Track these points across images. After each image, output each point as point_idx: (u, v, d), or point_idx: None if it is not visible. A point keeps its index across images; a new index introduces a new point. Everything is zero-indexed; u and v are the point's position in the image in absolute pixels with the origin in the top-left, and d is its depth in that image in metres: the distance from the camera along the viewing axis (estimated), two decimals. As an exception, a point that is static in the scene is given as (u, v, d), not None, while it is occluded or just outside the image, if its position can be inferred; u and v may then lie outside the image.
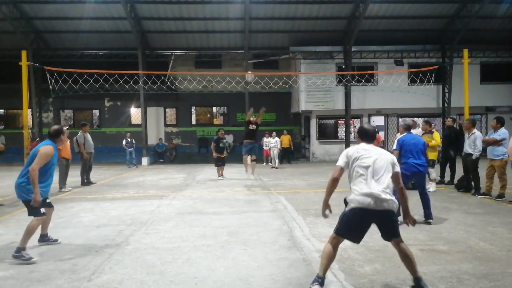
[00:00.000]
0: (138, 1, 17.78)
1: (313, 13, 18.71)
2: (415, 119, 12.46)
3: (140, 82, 18.62)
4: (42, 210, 4.92)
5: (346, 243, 5.16)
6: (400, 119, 18.54)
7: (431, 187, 9.54)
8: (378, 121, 21.20)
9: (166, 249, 5.08)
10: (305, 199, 8.84)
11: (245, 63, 20.07)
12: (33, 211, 4.86)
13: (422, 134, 10.18)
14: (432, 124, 10.55)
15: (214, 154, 12.74)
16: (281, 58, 21.64)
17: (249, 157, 11.61)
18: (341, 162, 3.86)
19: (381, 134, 17.68)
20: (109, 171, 16.12)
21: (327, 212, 3.89)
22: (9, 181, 12.05)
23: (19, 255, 4.64)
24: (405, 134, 6.80)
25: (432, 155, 9.75)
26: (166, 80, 17.43)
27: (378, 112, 20.90)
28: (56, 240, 5.41)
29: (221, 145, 12.74)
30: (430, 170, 9.70)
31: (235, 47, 20.78)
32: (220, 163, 12.85)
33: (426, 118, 11.85)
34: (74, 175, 11.69)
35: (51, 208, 5.36)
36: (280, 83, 16.78)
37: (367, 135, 3.94)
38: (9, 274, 4.26)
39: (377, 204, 3.52)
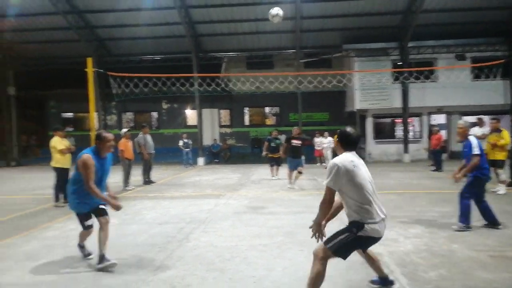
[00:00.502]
0: (192, 6, 18.32)
1: (366, 9, 18.19)
2: (481, 116, 11.67)
3: (195, 85, 19.18)
4: (88, 223, 4.61)
5: (407, 247, 5.01)
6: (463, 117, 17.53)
7: (501, 189, 8.92)
8: (439, 119, 20.17)
9: (224, 248, 5.20)
10: (362, 200, 8.62)
11: (297, 62, 19.97)
12: (80, 223, 4.63)
13: (490, 133, 9.55)
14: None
15: (264, 153, 12.83)
16: (334, 57, 21.27)
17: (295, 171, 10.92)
18: (331, 182, 3.24)
19: (443, 134, 16.80)
20: (167, 171, 16.78)
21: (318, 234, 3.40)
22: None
23: (101, 263, 4.44)
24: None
25: (501, 155, 9.11)
26: (220, 82, 17.81)
27: (439, 110, 19.88)
28: (88, 255, 4.88)
29: (273, 144, 12.73)
30: (499, 171, 9.08)
31: (287, 47, 20.75)
32: (273, 163, 12.87)
33: (494, 116, 11.07)
34: (136, 175, 12.29)
35: (103, 217, 4.67)
36: (334, 82, 16.49)
37: (351, 142, 3.43)
38: (82, 266, 4.58)
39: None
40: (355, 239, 3.26)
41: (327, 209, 3.33)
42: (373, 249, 4.96)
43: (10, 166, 21.33)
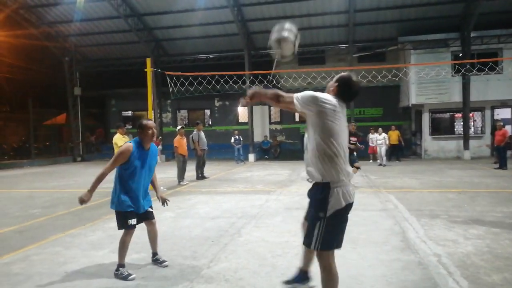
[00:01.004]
0: (244, 4, 18.53)
1: (425, -1, 17.37)
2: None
3: (247, 82, 19.40)
4: (131, 222, 4.21)
5: (468, 248, 4.77)
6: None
7: None
8: (504, 114, 18.81)
9: (275, 243, 5.25)
10: (418, 198, 8.31)
11: (350, 57, 19.53)
12: (118, 222, 4.28)
13: None
14: None
15: None
16: (388, 50, 20.54)
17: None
18: (299, 99, 2.85)
19: (508, 129, 15.65)
20: (220, 167, 17.17)
21: None
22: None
23: (117, 272, 4.18)
24: None
25: None
26: (272, 78, 17.86)
27: (503, 104, 18.55)
28: (163, 262, 4.51)
29: None
30: None
31: (339, 41, 20.36)
32: None
33: None
34: (190, 170, 12.70)
35: (149, 220, 4.48)
36: (389, 76, 15.92)
37: (348, 93, 3.05)
38: (141, 257, 4.84)
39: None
40: (330, 224, 2.89)
41: (275, 100, 2.97)
42: (430, 249, 4.79)
43: (76, 161, 22.94)
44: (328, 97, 2.82)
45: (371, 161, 17.63)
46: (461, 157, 18.28)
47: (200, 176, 12.77)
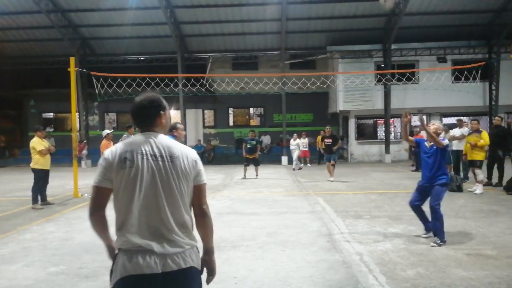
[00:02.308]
0: (177, 6, 18.22)
1: (351, 11, 18.40)
2: (461, 118, 11.90)
3: (180, 85, 19.07)
4: None
5: (387, 246, 5.09)
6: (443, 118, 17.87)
7: (478, 189, 9.13)
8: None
9: (206, 249, 5.17)
10: (344, 200, 8.72)
11: (282, 64, 20.05)
12: None
13: (469, 134, 9.78)
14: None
15: (244, 154, 13.40)
16: (318, 58, 21.44)
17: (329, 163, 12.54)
18: None
19: (423, 134, 17.07)
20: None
21: None
22: (58, 181, 12.73)
23: None
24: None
25: (480, 156, 9.34)
26: (205, 82, 17.74)
27: (419, 111, 20.20)
28: None
29: (249, 145, 13.24)
30: (477, 171, 9.29)
31: (272, 48, 20.81)
32: (246, 163, 13.35)
33: (474, 117, 11.32)
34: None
35: None
36: (318, 83, 16.61)
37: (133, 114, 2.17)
38: (60, 270, 4.50)
39: None
40: None
41: None
42: (353, 248, 5.05)
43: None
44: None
45: (302, 164, 18.20)
46: (383, 161, 19.58)
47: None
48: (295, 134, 17.54)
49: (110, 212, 1.99)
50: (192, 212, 2.09)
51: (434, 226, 5.22)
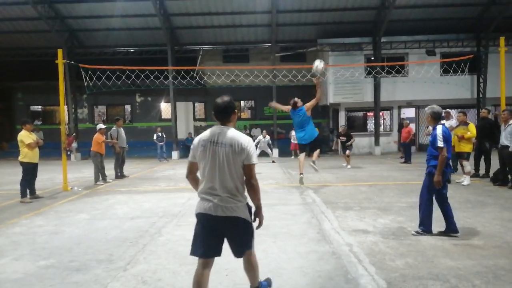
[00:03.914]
0: (167, -3, 18.02)
1: (341, 4, 18.40)
2: (448, 110, 12.02)
3: (170, 78, 18.93)
4: None
5: (376, 237, 5.15)
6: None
7: (465, 180, 9.28)
8: (409, 113, 20.70)
9: (197, 241, 5.19)
10: (334, 192, 8.79)
11: (273, 56, 20.01)
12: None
13: (457, 126, 9.90)
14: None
15: None
16: (308, 51, 21.43)
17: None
18: None
19: (412, 127, 17.25)
20: (141, 165, 16.55)
21: None
22: (47, 175, 12.61)
23: None
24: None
25: (467, 147, 9.48)
26: (195, 75, 17.63)
27: (408, 104, 20.39)
28: None
29: None
30: (465, 163, 9.43)
31: (263, 40, 20.75)
32: None
33: (461, 109, 11.45)
34: (108, 169, 12.07)
35: None
36: (308, 76, 16.59)
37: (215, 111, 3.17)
38: (50, 263, 4.48)
39: None
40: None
41: None
42: (343, 239, 5.11)
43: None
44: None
45: (292, 157, 18.26)
46: (373, 153, 19.75)
47: (119, 175, 12.19)
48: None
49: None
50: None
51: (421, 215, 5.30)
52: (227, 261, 4.35)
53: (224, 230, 3.05)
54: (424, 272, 3.95)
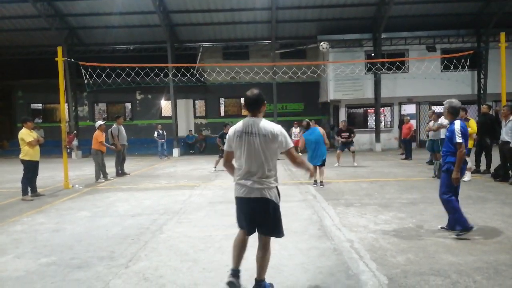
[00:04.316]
0: (166, -5, 17.98)
1: (341, 0, 18.33)
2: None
3: (170, 75, 18.91)
4: None
5: (377, 233, 5.16)
6: (433, 107, 17.98)
7: (466, 176, 9.26)
8: (410, 109, 20.66)
9: (198, 238, 5.21)
10: (335, 188, 8.79)
11: (273, 53, 19.97)
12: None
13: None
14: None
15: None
16: (308, 48, 21.38)
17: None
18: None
19: (413, 123, 17.23)
20: (142, 162, 16.56)
21: None
22: (48, 173, 12.62)
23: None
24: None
25: (468, 143, 9.44)
26: (195, 72, 17.61)
27: (409, 100, 20.36)
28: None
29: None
30: (466, 158, 9.40)
31: (262, 37, 20.70)
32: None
33: (462, 105, 11.40)
34: (109, 166, 12.08)
35: None
36: (309, 73, 16.60)
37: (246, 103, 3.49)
38: (51, 261, 4.49)
39: None
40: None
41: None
42: (344, 236, 5.11)
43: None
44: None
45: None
46: (373, 149, 19.74)
47: (120, 172, 12.20)
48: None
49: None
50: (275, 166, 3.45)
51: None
52: (227, 258, 4.37)
53: (256, 210, 3.39)
54: (426, 268, 3.95)
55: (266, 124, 3.34)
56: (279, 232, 3.53)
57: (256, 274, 3.51)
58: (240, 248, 3.58)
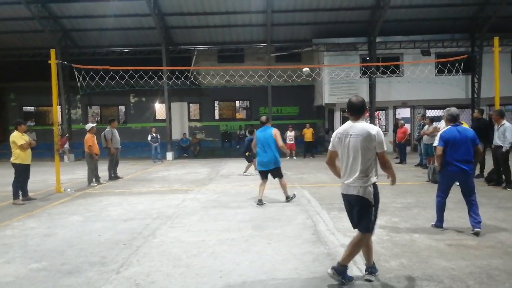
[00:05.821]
0: (161, -3, 17.95)
1: (336, 4, 18.41)
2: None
3: (164, 78, 18.85)
4: None
5: (372, 238, 5.13)
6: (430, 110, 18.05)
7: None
8: (404, 113, 20.74)
9: (191, 243, 5.16)
10: (329, 193, 8.77)
11: (268, 56, 19.99)
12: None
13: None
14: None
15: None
16: (304, 51, 21.43)
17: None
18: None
19: (407, 127, 17.28)
20: (135, 166, 16.46)
21: None
22: (40, 176, 12.50)
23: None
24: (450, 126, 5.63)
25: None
26: (190, 75, 17.56)
27: (404, 104, 20.44)
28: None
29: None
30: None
31: (258, 40, 20.71)
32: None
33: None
34: (102, 170, 11.99)
35: None
36: (303, 76, 16.62)
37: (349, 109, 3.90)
38: (42, 266, 4.43)
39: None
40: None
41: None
42: (338, 240, 5.09)
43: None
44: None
45: (287, 157, 18.24)
46: (368, 153, 19.76)
47: (113, 176, 12.10)
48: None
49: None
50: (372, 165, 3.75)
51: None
52: (221, 263, 4.34)
53: (353, 205, 3.79)
54: (419, 273, 3.94)
55: (365, 126, 3.70)
56: (368, 230, 3.79)
57: (366, 262, 3.95)
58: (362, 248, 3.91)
